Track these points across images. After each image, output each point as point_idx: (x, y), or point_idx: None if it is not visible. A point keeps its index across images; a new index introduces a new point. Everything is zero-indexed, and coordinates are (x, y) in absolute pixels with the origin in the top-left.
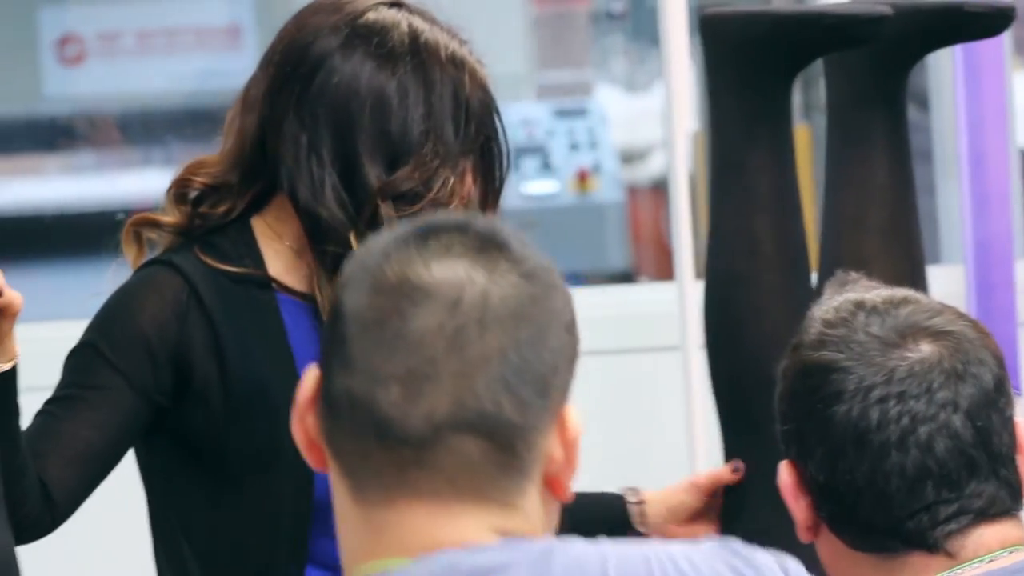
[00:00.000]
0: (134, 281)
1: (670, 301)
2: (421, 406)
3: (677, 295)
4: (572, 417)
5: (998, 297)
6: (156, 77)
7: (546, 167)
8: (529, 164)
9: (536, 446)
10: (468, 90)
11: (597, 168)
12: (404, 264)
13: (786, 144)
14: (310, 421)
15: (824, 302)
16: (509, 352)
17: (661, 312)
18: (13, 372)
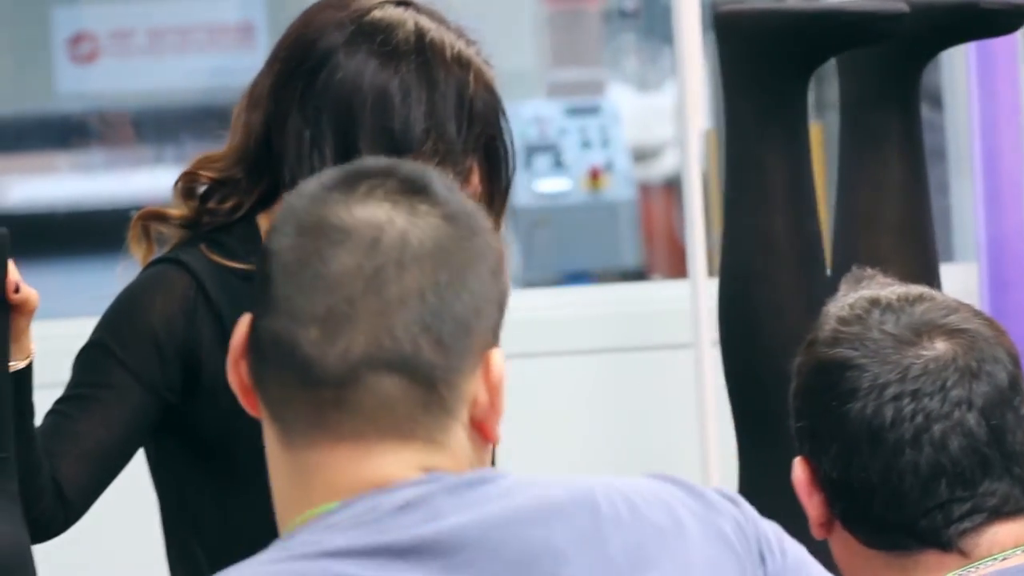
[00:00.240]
0: (141, 279)
1: (682, 299)
2: (338, 345)
3: (690, 293)
4: (496, 361)
5: (1012, 295)
6: (168, 75)
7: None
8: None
9: (458, 387)
10: (472, 90)
11: (609, 166)
12: (326, 206)
13: (802, 141)
14: (243, 367)
15: (839, 299)
16: (428, 293)
17: (673, 310)
18: (29, 369)
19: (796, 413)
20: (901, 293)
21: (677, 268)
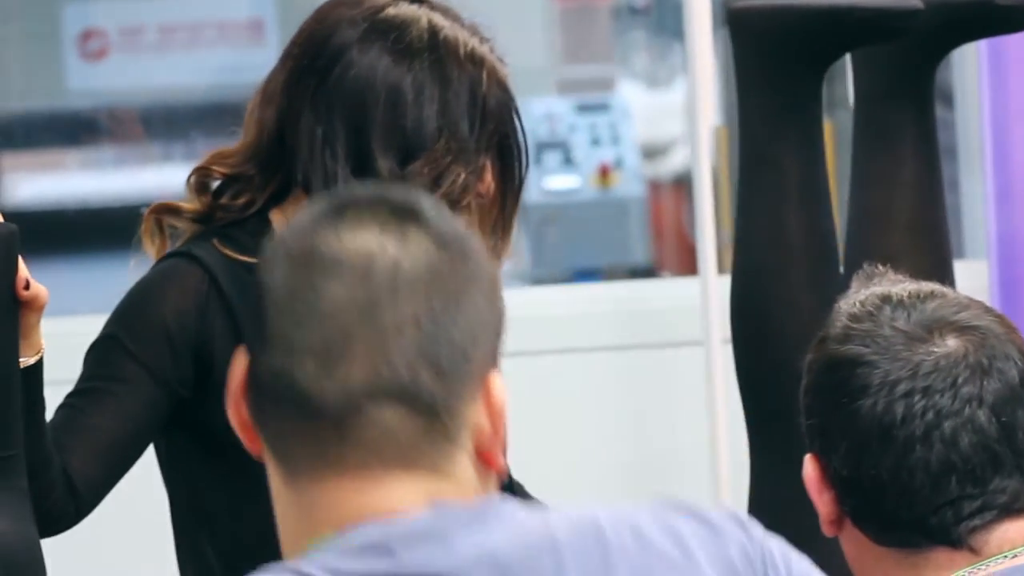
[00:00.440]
0: (154, 273)
1: (692, 296)
2: (336, 378)
3: (700, 290)
4: (496, 387)
5: (1022, 292)
6: (178, 72)
7: (568, 162)
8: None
9: (460, 414)
10: (486, 88)
11: (619, 163)
12: (316, 237)
13: (816, 138)
14: (243, 407)
15: (850, 296)
16: (423, 320)
17: (683, 307)
18: (39, 365)
19: (806, 410)
20: (912, 290)
21: (687, 265)
